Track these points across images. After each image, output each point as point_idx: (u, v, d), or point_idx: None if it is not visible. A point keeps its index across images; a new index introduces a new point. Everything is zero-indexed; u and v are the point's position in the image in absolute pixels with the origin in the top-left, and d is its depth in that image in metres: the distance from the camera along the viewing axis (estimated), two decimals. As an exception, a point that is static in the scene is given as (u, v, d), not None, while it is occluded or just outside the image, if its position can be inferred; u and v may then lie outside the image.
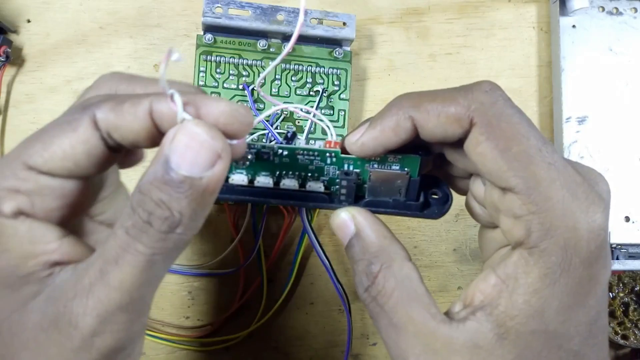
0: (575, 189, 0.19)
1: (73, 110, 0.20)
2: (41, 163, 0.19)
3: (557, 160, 0.19)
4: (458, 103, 0.20)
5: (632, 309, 0.41)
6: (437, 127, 0.20)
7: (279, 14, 0.37)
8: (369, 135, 0.22)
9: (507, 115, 0.19)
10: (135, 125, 0.19)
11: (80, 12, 0.39)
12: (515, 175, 0.19)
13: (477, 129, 0.20)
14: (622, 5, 0.43)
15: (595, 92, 0.43)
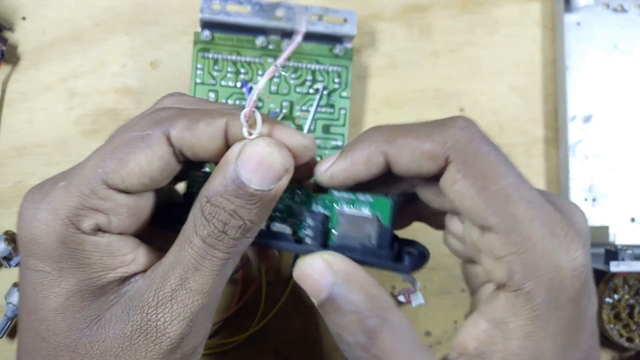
0: (554, 226, 0.19)
1: (144, 124, 0.20)
2: (120, 181, 0.20)
3: (535, 198, 0.19)
4: (433, 140, 0.19)
5: (638, 311, 0.40)
6: (410, 163, 0.20)
7: (278, 10, 0.36)
8: (339, 166, 0.21)
9: (484, 153, 0.19)
10: (210, 145, 0.20)
11: (75, 9, 0.38)
12: (493, 214, 0.18)
13: (454, 166, 0.19)
14: (627, 3, 0.43)
15: (600, 90, 0.42)
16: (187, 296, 0.19)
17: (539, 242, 0.18)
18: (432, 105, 0.41)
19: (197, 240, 0.19)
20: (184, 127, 0.20)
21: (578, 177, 0.41)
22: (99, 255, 0.20)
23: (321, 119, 0.38)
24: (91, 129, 0.38)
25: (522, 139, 0.42)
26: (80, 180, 0.20)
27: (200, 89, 0.36)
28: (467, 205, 0.19)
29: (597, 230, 0.38)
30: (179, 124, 0.20)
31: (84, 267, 0.20)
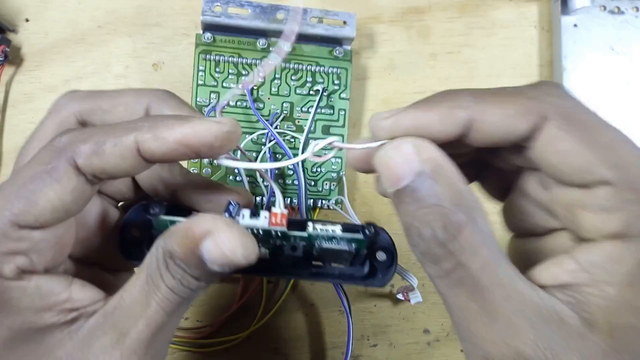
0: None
1: (47, 155, 0.19)
2: (32, 220, 0.19)
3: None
4: (526, 95, 0.18)
5: None
6: (499, 122, 0.17)
7: (279, 12, 0.36)
8: (408, 114, 0.18)
9: (583, 112, 0.18)
10: (122, 165, 0.19)
11: (78, 11, 0.39)
12: (608, 166, 0.17)
13: (553, 123, 0.17)
14: (624, 5, 0.43)
15: (596, 91, 0.42)
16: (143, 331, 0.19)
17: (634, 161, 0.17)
18: (431, 106, 0.41)
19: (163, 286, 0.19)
20: (90, 153, 0.19)
21: (575, 177, 0.41)
22: (28, 299, 0.19)
23: (321, 120, 0.38)
24: (94, 130, 0.38)
25: (520, 139, 0.42)
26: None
27: (202, 90, 0.37)
28: (575, 163, 0.17)
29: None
30: (83, 149, 0.19)
31: (14, 314, 0.19)
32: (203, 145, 0.19)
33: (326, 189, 0.39)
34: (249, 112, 0.37)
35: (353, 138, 0.40)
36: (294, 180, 0.38)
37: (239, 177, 0.37)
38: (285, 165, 0.20)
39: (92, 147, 0.19)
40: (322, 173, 0.39)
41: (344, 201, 0.38)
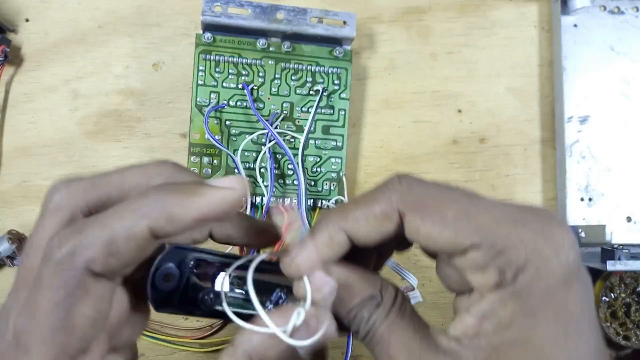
0: (525, 217, 0.19)
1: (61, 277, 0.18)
2: (78, 345, 0.18)
3: (494, 202, 0.20)
4: (380, 202, 0.20)
5: (634, 309, 0.41)
6: (370, 231, 0.20)
7: (279, 12, 0.36)
8: (303, 255, 0.21)
9: (427, 193, 0.20)
10: (141, 255, 0.19)
11: (78, 11, 0.39)
12: (466, 234, 0.19)
13: (409, 216, 0.20)
14: (624, 4, 0.43)
15: (596, 91, 0.42)
16: None
17: (516, 236, 0.19)
18: (430, 106, 0.42)
19: None
20: (104, 257, 0.18)
21: (575, 177, 0.42)
22: None
23: (321, 120, 0.38)
24: (94, 130, 0.38)
25: (519, 139, 0.42)
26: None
27: (202, 90, 0.37)
28: (440, 242, 0.19)
29: (594, 229, 0.38)
30: (95, 256, 0.18)
31: None
32: (219, 215, 0.19)
33: (326, 189, 0.39)
34: (249, 112, 0.37)
35: (353, 138, 0.40)
36: (294, 180, 0.38)
37: (239, 177, 0.37)
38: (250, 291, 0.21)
39: (103, 250, 0.18)
40: (322, 173, 0.39)
41: (344, 201, 0.38)
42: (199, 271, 0.23)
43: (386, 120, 0.41)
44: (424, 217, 0.19)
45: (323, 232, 0.21)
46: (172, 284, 0.22)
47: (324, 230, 0.21)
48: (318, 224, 0.21)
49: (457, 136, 0.42)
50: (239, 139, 0.37)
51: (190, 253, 0.22)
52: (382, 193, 0.20)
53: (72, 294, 0.18)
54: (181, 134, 0.39)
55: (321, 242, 0.21)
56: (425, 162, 0.41)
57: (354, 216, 0.20)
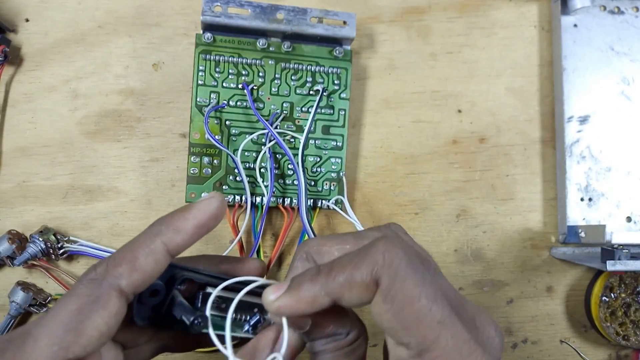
0: (460, 346, 0.21)
1: (89, 287, 0.20)
2: (80, 351, 0.19)
3: (446, 318, 0.21)
4: (363, 271, 0.21)
5: (634, 309, 0.41)
6: (352, 297, 0.21)
7: (279, 12, 0.36)
8: (286, 302, 0.22)
9: (402, 278, 0.21)
10: (157, 270, 0.21)
11: (78, 11, 0.39)
12: (406, 335, 0.21)
13: (379, 291, 0.21)
14: (624, 4, 0.43)
15: (596, 91, 0.42)
16: None
17: (441, 358, 0.20)
18: (430, 106, 0.42)
19: None
20: (129, 272, 0.21)
21: (575, 177, 0.42)
22: None
23: (321, 120, 0.38)
24: (94, 130, 0.38)
25: (519, 139, 0.42)
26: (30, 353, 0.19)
27: (202, 90, 0.37)
28: (386, 325, 0.21)
29: (594, 229, 0.38)
30: (122, 272, 0.21)
31: None
32: (211, 219, 0.23)
33: (326, 189, 0.39)
34: (249, 112, 0.37)
35: (353, 138, 0.40)
36: (294, 180, 0.38)
37: (239, 177, 0.37)
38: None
39: (128, 266, 0.21)
40: (322, 173, 0.39)
41: (344, 201, 0.38)
42: (185, 289, 0.24)
43: (386, 120, 0.41)
44: (386, 300, 0.21)
45: (308, 290, 0.22)
46: (157, 299, 0.23)
47: (309, 290, 0.22)
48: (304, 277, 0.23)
49: (457, 136, 0.42)
50: (239, 139, 0.37)
51: (181, 272, 0.24)
52: (366, 260, 0.21)
53: (94, 303, 0.20)
54: (181, 134, 0.39)
55: (304, 300, 0.22)
56: (425, 162, 0.41)
57: (339, 281, 0.21)
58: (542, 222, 0.42)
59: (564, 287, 0.42)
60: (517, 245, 0.42)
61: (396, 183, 0.41)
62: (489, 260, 0.41)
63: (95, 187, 0.38)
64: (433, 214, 0.41)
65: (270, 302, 0.23)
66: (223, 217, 0.24)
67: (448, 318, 0.21)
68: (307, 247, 0.25)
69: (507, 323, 0.42)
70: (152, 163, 0.39)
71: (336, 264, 0.22)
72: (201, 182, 0.37)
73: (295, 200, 0.38)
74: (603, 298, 0.40)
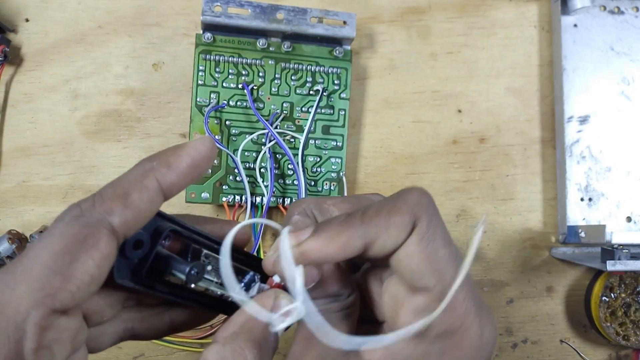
0: (476, 298, 0.21)
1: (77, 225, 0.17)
2: (68, 300, 0.17)
3: (463, 269, 0.20)
4: (402, 210, 0.20)
5: (634, 309, 0.41)
6: (388, 240, 0.20)
7: (279, 12, 0.36)
8: (314, 245, 0.20)
9: (438, 221, 0.21)
10: (151, 209, 0.19)
11: (78, 11, 0.39)
12: (434, 277, 0.20)
13: (416, 231, 0.20)
14: (624, 5, 0.43)
15: (596, 91, 0.42)
16: None
17: (460, 306, 0.20)
18: (430, 106, 0.42)
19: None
20: (121, 208, 0.18)
21: (575, 177, 0.42)
22: None
23: (321, 120, 0.39)
24: (94, 130, 0.38)
25: (519, 139, 0.42)
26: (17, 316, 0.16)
27: (202, 90, 0.37)
28: (414, 268, 0.20)
29: (594, 229, 0.38)
30: (113, 207, 0.18)
31: None
32: (204, 159, 0.20)
33: (326, 189, 0.39)
34: (249, 112, 0.37)
35: (353, 138, 0.40)
36: (294, 180, 0.38)
37: (239, 177, 0.37)
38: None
39: (120, 202, 0.18)
40: (322, 173, 0.39)
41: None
42: (168, 246, 0.21)
43: (386, 120, 0.41)
44: (421, 242, 0.20)
45: (343, 233, 0.20)
46: (140, 252, 0.20)
47: (344, 230, 0.20)
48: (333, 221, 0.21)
49: (457, 136, 0.42)
50: (239, 139, 0.37)
51: (167, 223, 0.21)
52: (404, 200, 0.20)
53: (83, 243, 0.17)
54: (181, 134, 0.39)
55: (337, 243, 0.20)
56: (425, 162, 0.41)
57: (377, 223, 0.20)
58: (542, 222, 0.42)
59: (564, 287, 0.42)
60: (517, 245, 0.42)
61: (396, 183, 0.41)
62: (489, 260, 0.41)
63: (96, 187, 0.38)
64: (433, 214, 0.41)
65: (291, 246, 0.20)
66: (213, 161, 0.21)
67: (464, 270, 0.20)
68: (304, 204, 0.23)
69: (507, 323, 0.42)
70: (152, 163, 0.39)
71: (371, 207, 0.20)
72: (201, 182, 0.37)
73: (296, 200, 0.38)
74: (603, 298, 0.40)
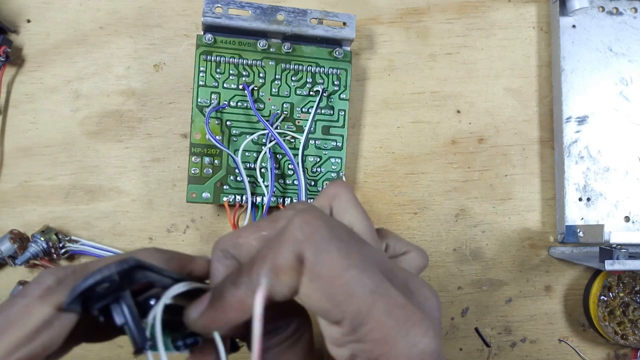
0: (396, 312, 0.19)
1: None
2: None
3: (379, 285, 0.19)
4: (284, 252, 0.19)
5: (632, 308, 0.41)
6: (283, 289, 0.19)
7: (279, 13, 0.37)
8: (210, 317, 0.20)
9: (326, 250, 0.19)
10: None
11: (80, 12, 0.39)
12: (339, 312, 0.19)
13: (305, 271, 0.19)
14: (622, 5, 0.43)
15: (595, 92, 0.43)
16: None
17: (377, 330, 0.19)
18: (430, 107, 0.42)
19: None
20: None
21: (573, 177, 0.42)
22: None
23: (321, 121, 0.39)
24: (96, 130, 0.38)
25: (518, 140, 0.43)
26: None
27: (203, 91, 0.37)
28: (317, 307, 0.19)
29: (592, 229, 0.39)
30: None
31: None
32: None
33: (326, 189, 0.39)
34: (249, 112, 0.38)
35: (352, 138, 0.41)
36: (294, 180, 0.38)
37: (240, 177, 0.37)
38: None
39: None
40: (322, 173, 0.39)
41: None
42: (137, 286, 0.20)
43: (385, 121, 0.41)
44: (312, 279, 0.19)
45: (233, 296, 0.19)
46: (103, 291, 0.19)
47: (233, 294, 0.19)
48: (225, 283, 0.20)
49: (456, 136, 0.42)
50: (239, 139, 0.38)
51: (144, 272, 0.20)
52: (285, 241, 0.19)
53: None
54: (182, 134, 0.39)
55: (232, 308, 0.19)
56: (424, 162, 0.41)
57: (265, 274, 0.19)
58: (541, 222, 0.42)
59: (562, 287, 0.42)
60: (516, 245, 0.42)
61: (395, 183, 0.41)
62: (488, 259, 0.42)
63: (97, 187, 0.38)
64: (432, 213, 0.41)
65: (194, 321, 0.20)
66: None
67: (381, 285, 0.19)
68: (221, 245, 0.22)
69: (505, 322, 0.42)
70: (154, 163, 0.39)
71: (256, 257, 0.20)
72: (202, 182, 0.37)
73: (296, 200, 0.38)
74: (601, 297, 0.41)
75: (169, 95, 0.39)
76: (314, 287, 0.19)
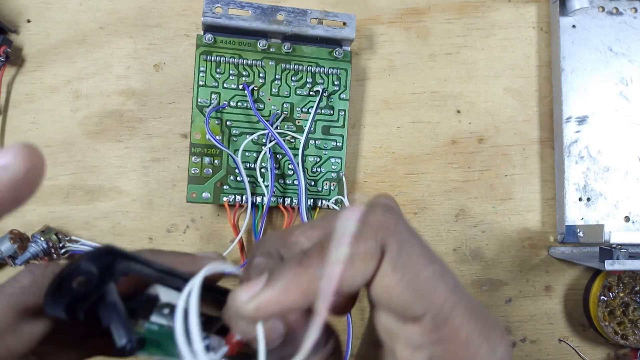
0: (478, 314, 0.18)
1: None
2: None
3: (458, 285, 0.18)
4: (365, 238, 0.17)
5: (632, 308, 0.41)
6: (355, 276, 0.17)
7: (279, 13, 0.37)
8: (268, 296, 0.17)
9: (410, 242, 0.18)
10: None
11: (80, 12, 0.39)
12: (421, 306, 0.17)
13: (386, 260, 0.17)
14: (622, 5, 0.43)
15: (595, 92, 0.43)
16: None
17: (461, 330, 0.17)
18: (429, 107, 0.42)
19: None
20: None
21: (573, 177, 0.42)
22: None
23: (321, 121, 0.39)
24: (96, 130, 0.38)
25: (518, 140, 0.43)
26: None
27: (203, 91, 0.37)
28: (396, 300, 0.17)
29: (592, 229, 0.39)
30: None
31: None
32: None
33: (326, 189, 0.39)
34: (249, 112, 0.38)
35: (352, 138, 0.41)
36: (294, 180, 0.38)
37: (240, 177, 0.37)
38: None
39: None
40: (322, 173, 0.39)
41: (344, 201, 0.38)
42: (124, 283, 0.18)
43: (385, 121, 0.41)
44: (395, 269, 0.17)
45: (301, 277, 0.17)
46: (82, 289, 0.17)
47: (302, 275, 0.17)
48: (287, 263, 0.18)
49: (456, 136, 0.42)
50: (239, 139, 0.38)
51: (124, 261, 0.17)
52: (366, 228, 0.18)
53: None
54: (182, 134, 0.39)
55: (296, 289, 0.17)
56: (424, 162, 0.41)
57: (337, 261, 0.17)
58: (541, 222, 0.42)
59: (562, 287, 0.42)
60: (516, 245, 0.42)
61: (395, 183, 0.41)
62: (488, 259, 0.42)
63: (97, 187, 0.38)
64: (432, 213, 0.41)
65: (243, 302, 0.17)
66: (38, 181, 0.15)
67: (459, 286, 0.18)
68: (266, 244, 0.20)
69: (505, 322, 0.42)
70: (154, 163, 0.39)
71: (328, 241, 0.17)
72: (202, 182, 0.37)
73: (296, 200, 0.38)
74: (601, 297, 0.41)
75: (169, 95, 0.39)
76: (397, 277, 0.17)
